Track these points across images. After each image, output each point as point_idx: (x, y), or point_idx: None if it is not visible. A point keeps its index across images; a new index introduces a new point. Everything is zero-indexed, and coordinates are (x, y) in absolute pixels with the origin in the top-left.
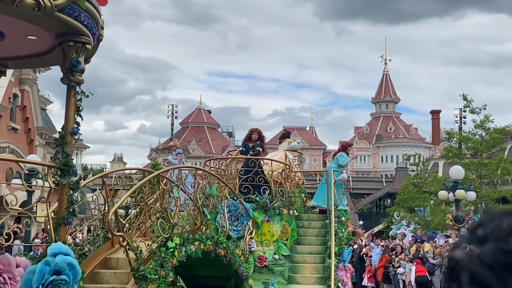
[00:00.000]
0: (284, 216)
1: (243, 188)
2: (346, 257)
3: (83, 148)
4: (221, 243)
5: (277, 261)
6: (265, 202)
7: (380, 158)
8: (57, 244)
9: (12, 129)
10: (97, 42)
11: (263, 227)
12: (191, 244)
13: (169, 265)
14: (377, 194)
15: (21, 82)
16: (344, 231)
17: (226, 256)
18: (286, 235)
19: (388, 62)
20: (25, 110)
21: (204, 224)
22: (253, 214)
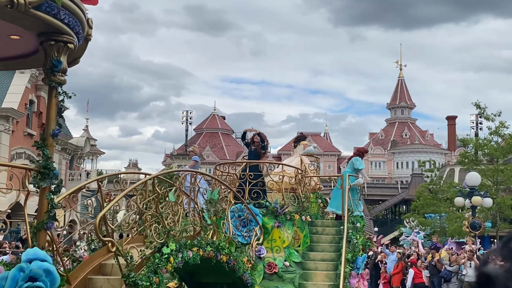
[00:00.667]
0: (296, 221)
1: (252, 193)
2: (360, 264)
3: (99, 153)
4: (223, 249)
5: (287, 268)
6: (275, 207)
7: (396, 164)
8: (32, 249)
9: (28, 135)
10: (85, 42)
11: (273, 233)
12: (189, 250)
13: (163, 271)
14: (392, 201)
15: (38, 88)
16: (359, 237)
17: (229, 262)
18: (298, 242)
19: (403, 68)
20: (41, 116)
21: (204, 229)
22: (262, 220)
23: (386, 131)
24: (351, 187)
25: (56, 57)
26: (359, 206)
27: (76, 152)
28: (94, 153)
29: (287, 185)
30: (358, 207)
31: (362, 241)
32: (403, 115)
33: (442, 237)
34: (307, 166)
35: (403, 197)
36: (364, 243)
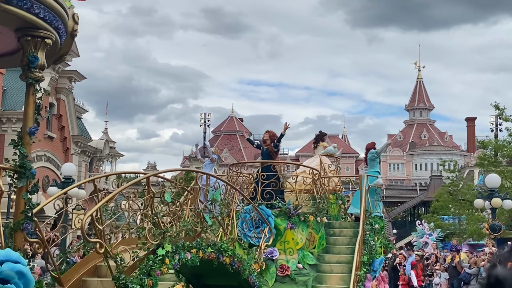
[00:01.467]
0: (310, 223)
1: (265, 193)
2: (378, 267)
3: (118, 156)
4: (226, 250)
5: (301, 271)
6: (288, 208)
7: (414, 166)
8: (4, 251)
9: (48, 137)
10: (71, 38)
11: (287, 235)
12: (187, 252)
13: (158, 273)
14: (411, 203)
15: (57, 91)
16: (378, 239)
17: (233, 264)
18: (313, 243)
19: (422, 69)
20: (61, 119)
21: (205, 230)
22: (275, 221)
23: (405, 132)
24: (369, 187)
25: (32, 53)
26: (379, 207)
27: (95, 155)
28: (113, 155)
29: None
30: (377, 208)
31: (381, 243)
32: (422, 117)
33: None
34: (326, 166)
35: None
36: (384, 245)
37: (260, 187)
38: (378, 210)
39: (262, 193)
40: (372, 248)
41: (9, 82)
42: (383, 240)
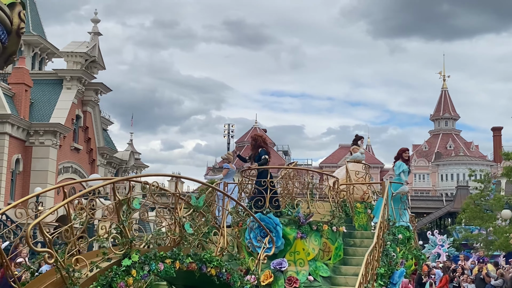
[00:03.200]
0: (324, 232)
1: (273, 201)
2: (397, 280)
3: (143, 167)
4: (209, 261)
5: (311, 283)
6: (297, 216)
7: (440, 177)
8: None
9: (75, 149)
10: (17, 37)
11: (297, 245)
12: (160, 262)
13: (121, 285)
14: (437, 213)
15: (84, 103)
16: (400, 250)
17: (220, 276)
18: (329, 254)
19: (446, 79)
20: (87, 130)
21: (185, 239)
22: (284, 230)
23: (430, 143)
24: (394, 195)
25: None
26: (404, 216)
27: (121, 166)
28: (138, 166)
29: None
30: (402, 217)
31: (405, 255)
32: (447, 127)
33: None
34: (352, 173)
35: (448, 210)
36: (415, 257)
37: (268, 195)
38: (403, 219)
39: (271, 201)
40: (392, 260)
41: (37, 94)
42: (414, 251)
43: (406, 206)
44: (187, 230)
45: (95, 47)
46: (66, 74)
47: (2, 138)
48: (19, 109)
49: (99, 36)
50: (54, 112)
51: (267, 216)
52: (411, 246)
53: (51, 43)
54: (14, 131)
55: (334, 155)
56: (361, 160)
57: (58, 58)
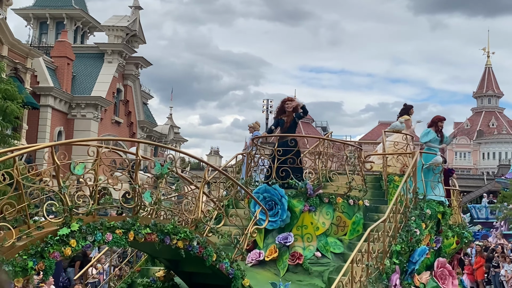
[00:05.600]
0: (339, 206)
1: (280, 171)
2: (417, 258)
3: (182, 141)
4: (174, 233)
5: (318, 260)
6: (303, 187)
7: (482, 155)
8: None
9: (115, 122)
10: None
11: (304, 218)
12: (109, 232)
13: (55, 255)
14: (477, 192)
15: (124, 77)
16: (426, 226)
17: (190, 249)
18: (344, 229)
19: (491, 55)
20: (127, 104)
21: (143, 209)
22: (291, 202)
23: (472, 120)
24: (426, 167)
25: None
26: (437, 190)
27: (160, 140)
28: (177, 140)
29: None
30: (434, 190)
31: (431, 231)
32: (490, 104)
33: None
34: (387, 144)
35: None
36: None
37: (275, 164)
38: (435, 192)
39: (278, 171)
40: (413, 236)
41: (79, 68)
42: (457, 229)
43: (440, 179)
44: (146, 199)
45: (136, 21)
46: (107, 48)
47: (45, 111)
48: (62, 82)
49: (139, 10)
50: (95, 86)
51: (272, 187)
52: (447, 223)
53: (92, 17)
54: (57, 104)
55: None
56: (400, 130)
57: (100, 32)
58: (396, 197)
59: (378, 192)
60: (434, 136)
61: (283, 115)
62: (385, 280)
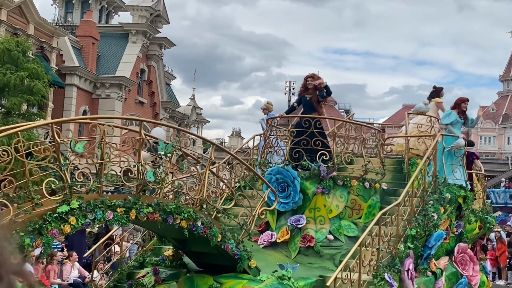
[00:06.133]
0: (353, 188)
1: (294, 152)
2: (434, 243)
3: (204, 122)
4: (178, 212)
5: (330, 243)
6: (317, 169)
7: (507, 139)
8: None
9: (139, 102)
10: None
11: (317, 201)
12: (110, 211)
13: (53, 232)
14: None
15: (148, 57)
16: (445, 211)
17: (194, 229)
18: (359, 212)
19: None
20: (151, 84)
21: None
22: (303, 184)
23: (498, 104)
24: (448, 150)
25: None
26: (459, 173)
27: (183, 120)
28: (199, 121)
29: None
30: (455, 174)
31: (451, 215)
32: None
33: None
34: (410, 126)
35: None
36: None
37: (289, 145)
38: (456, 176)
39: (292, 152)
40: (430, 221)
41: (103, 47)
42: (480, 214)
43: (462, 162)
44: (149, 178)
45: (160, 1)
46: (131, 28)
47: (70, 90)
48: (87, 61)
49: None
50: (119, 66)
51: (285, 169)
52: (470, 207)
53: None
54: (82, 83)
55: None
56: (425, 112)
57: (124, 12)
58: (412, 181)
59: (399, 176)
60: (456, 118)
61: (306, 92)
62: (398, 265)
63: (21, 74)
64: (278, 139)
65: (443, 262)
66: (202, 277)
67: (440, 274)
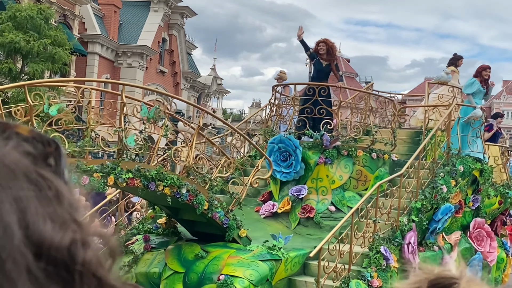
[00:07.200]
0: (359, 159)
1: (297, 121)
2: (440, 216)
3: (224, 92)
4: (159, 179)
5: (332, 214)
6: (319, 138)
7: None
8: None
9: (160, 72)
10: None
11: (319, 171)
12: (86, 176)
13: None
14: None
15: (170, 27)
16: (456, 184)
17: (178, 196)
18: (365, 184)
19: None
20: (172, 54)
21: (126, 153)
22: (306, 154)
23: None
24: (465, 121)
25: None
26: (475, 145)
27: (203, 90)
28: (220, 91)
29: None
30: (472, 146)
31: (463, 188)
32: None
33: None
34: (431, 96)
35: None
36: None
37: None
38: (473, 148)
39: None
40: (438, 194)
41: (125, 16)
42: (501, 188)
43: (480, 134)
44: (130, 143)
45: None
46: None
47: (92, 58)
48: (109, 30)
49: None
50: (141, 34)
51: (287, 138)
52: (488, 181)
53: None
54: (104, 52)
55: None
56: (446, 82)
57: None
58: (419, 151)
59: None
60: (479, 87)
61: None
62: (399, 238)
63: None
64: (287, 107)
65: (455, 237)
66: (190, 245)
67: (450, 249)
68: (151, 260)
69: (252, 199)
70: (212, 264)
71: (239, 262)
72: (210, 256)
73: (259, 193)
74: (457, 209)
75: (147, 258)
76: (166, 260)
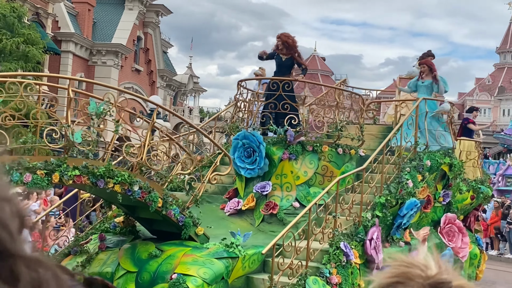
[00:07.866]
0: (325, 154)
1: (261, 117)
2: (405, 211)
3: (201, 91)
4: (108, 176)
5: (296, 210)
6: (283, 133)
7: (502, 112)
8: None
9: (135, 70)
10: None
11: (284, 167)
12: (28, 173)
13: None
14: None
15: (145, 25)
16: (423, 178)
17: (129, 194)
18: (331, 180)
19: None
20: (148, 52)
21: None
22: (270, 149)
23: (494, 76)
24: (432, 114)
25: None
26: (443, 139)
27: (180, 89)
28: (196, 90)
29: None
30: (440, 140)
31: (431, 183)
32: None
33: None
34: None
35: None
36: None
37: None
38: (441, 142)
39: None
40: (403, 188)
41: (99, 14)
42: (473, 183)
43: (449, 129)
44: (76, 139)
45: None
46: None
47: (66, 57)
48: (82, 28)
49: None
50: (116, 33)
51: (251, 134)
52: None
53: None
54: (78, 50)
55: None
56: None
57: None
58: (383, 146)
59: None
60: (415, 82)
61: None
62: (361, 233)
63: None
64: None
65: (423, 233)
66: (145, 244)
67: (417, 244)
68: (104, 260)
69: (219, 197)
70: (166, 263)
71: (194, 260)
72: (164, 255)
73: (227, 190)
74: (425, 204)
75: (101, 258)
76: (119, 260)
